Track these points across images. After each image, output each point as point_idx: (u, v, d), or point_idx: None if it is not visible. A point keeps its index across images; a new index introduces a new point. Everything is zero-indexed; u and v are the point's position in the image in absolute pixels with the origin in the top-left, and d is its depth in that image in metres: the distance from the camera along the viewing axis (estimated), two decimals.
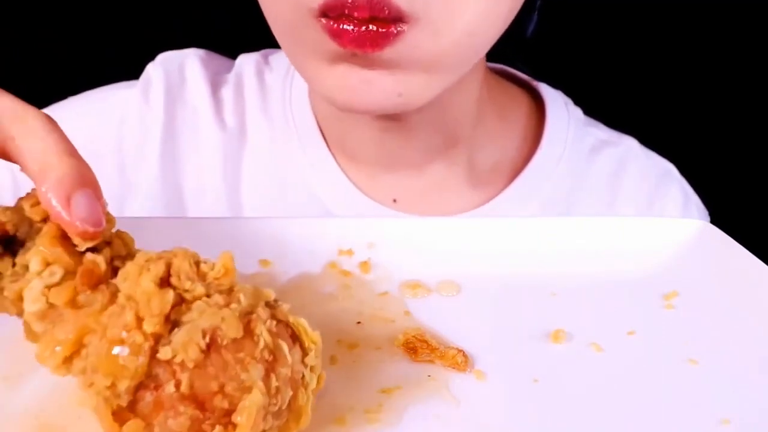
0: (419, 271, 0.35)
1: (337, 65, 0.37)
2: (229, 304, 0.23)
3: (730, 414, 0.26)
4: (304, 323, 0.25)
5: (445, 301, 0.33)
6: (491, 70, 0.54)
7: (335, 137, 0.50)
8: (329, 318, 0.31)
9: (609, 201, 0.53)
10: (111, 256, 0.25)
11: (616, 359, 0.30)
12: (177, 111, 0.51)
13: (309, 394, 0.24)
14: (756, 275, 0.33)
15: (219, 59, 0.55)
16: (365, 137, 0.49)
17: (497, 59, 0.56)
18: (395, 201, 0.50)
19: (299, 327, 0.25)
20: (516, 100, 0.55)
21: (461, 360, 0.29)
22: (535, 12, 0.51)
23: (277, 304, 0.25)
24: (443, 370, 0.29)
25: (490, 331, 0.31)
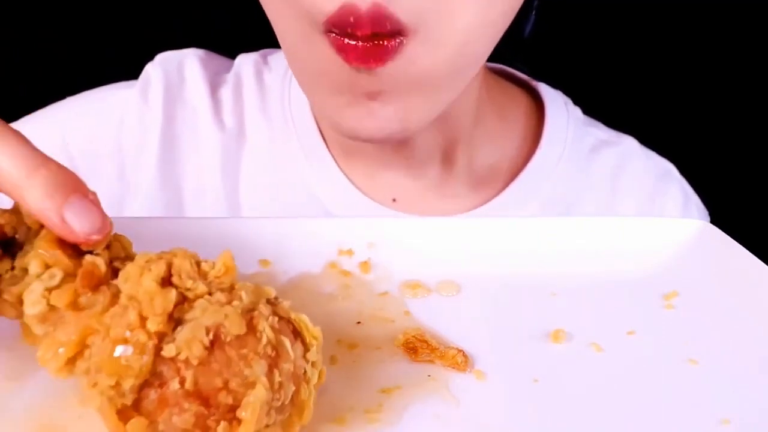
0: (419, 271, 0.35)
1: (341, 91, 0.38)
2: (231, 301, 0.23)
3: (730, 414, 0.26)
4: (305, 319, 0.25)
5: (445, 301, 0.33)
6: (490, 70, 0.54)
7: (334, 137, 0.50)
8: (329, 318, 0.31)
9: (609, 200, 0.53)
10: (110, 257, 0.25)
11: (616, 359, 0.30)
12: (176, 111, 0.51)
13: (311, 388, 0.24)
14: (756, 275, 0.33)
15: (218, 59, 0.55)
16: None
17: (496, 59, 0.56)
18: (395, 201, 0.50)
19: (300, 323, 0.25)
20: (515, 99, 0.55)
21: (461, 360, 0.29)
22: (533, 12, 0.51)
23: (278, 301, 0.25)
24: (443, 370, 0.28)
25: (490, 331, 0.31)
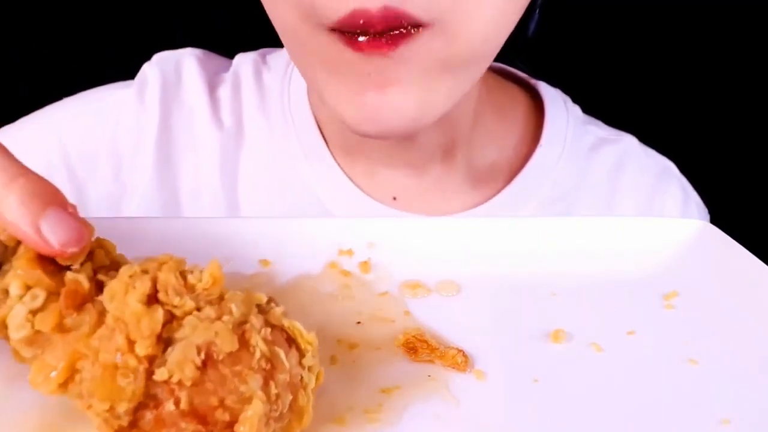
0: (419, 271, 0.34)
1: (351, 80, 0.36)
2: (221, 316, 0.23)
3: (730, 414, 0.26)
4: (298, 325, 0.24)
5: (445, 301, 0.33)
6: (489, 68, 0.54)
7: (334, 136, 0.50)
8: (329, 318, 0.31)
9: (608, 199, 0.53)
10: (93, 269, 0.24)
11: (616, 359, 0.30)
12: (173, 111, 0.50)
13: (309, 394, 0.24)
14: (756, 275, 0.33)
15: (216, 59, 0.55)
16: (365, 138, 0.48)
17: (496, 58, 0.56)
18: (395, 199, 0.50)
19: (294, 330, 0.24)
20: (515, 98, 0.55)
21: (461, 360, 0.29)
22: (536, 11, 0.51)
23: (270, 306, 0.25)
24: (443, 370, 0.28)
25: (490, 331, 0.31)
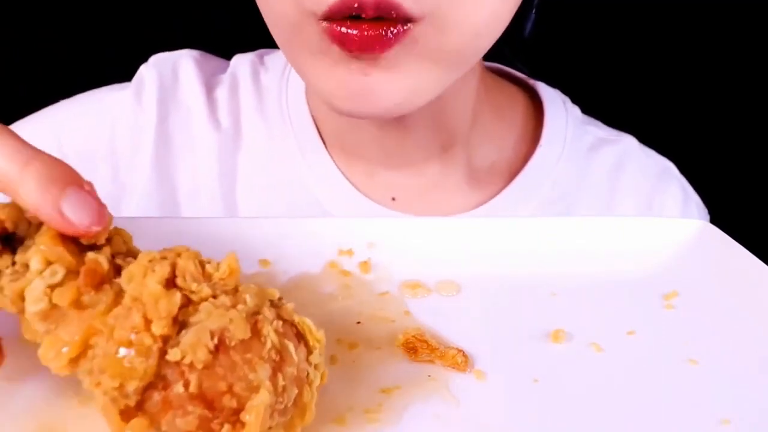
0: (419, 271, 0.35)
1: (336, 67, 0.37)
2: (236, 305, 0.23)
3: (730, 414, 0.26)
4: (308, 322, 0.25)
5: (445, 301, 0.33)
6: (488, 69, 0.54)
7: (333, 136, 0.50)
8: (329, 318, 0.31)
9: (608, 199, 0.53)
10: (111, 253, 0.25)
11: (616, 359, 0.30)
12: (170, 112, 0.50)
13: (313, 390, 0.24)
14: (756, 275, 0.33)
15: (214, 60, 0.55)
16: (363, 136, 0.48)
17: (494, 58, 0.56)
18: (394, 200, 0.50)
19: (304, 326, 0.25)
20: (513, 99, 0.55)
21: (461, 360, 0.29)
22: (533, 11, 0.51)
23: (281, 303, 0.25)
24: (443, 370, 0.28)
25: (490, 331, 0.31)
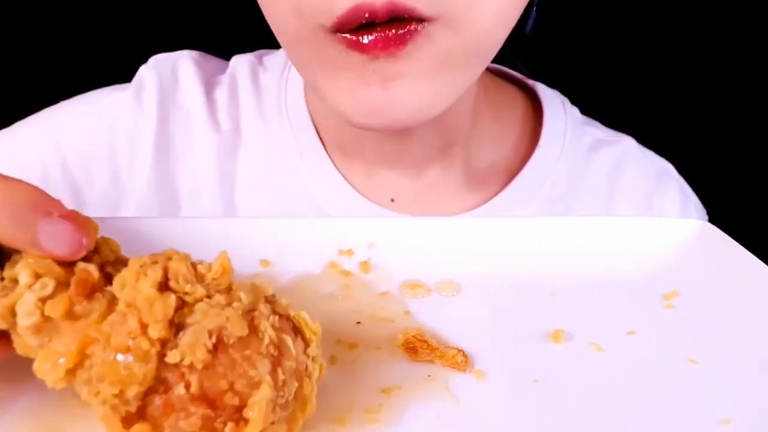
0: (419, 271, 0.35)
1: (353, 80, 0.36)
2: (231, 303, 0.23)
3: (730, 414, 0.26)
4: (304, 315, 0.25)
5: (445, 301, 0.33)
6: (487, 69, 0.54)
7: (332, 137, 0.50)
8: (329, 318, 0.31)
9: (607, 200, 0.53)
10: (101, 262, 0.24)
11: (616, 359, 0.30)
12: (170, 113, 0.50)
13: (313, 383, 0.25)
14: (756, 275, 0.33)
15: (213, 61, 0.55)
16: (362, 137, 0.48)
17: (494, 59, 0.56)
18: (393, 201, 0.50)
19: (300, 319, 0.25)
20: (512, 99, 0.55)
21: (461, 360, 0.29)
22: (533, 9, 0.51)
23: (275, 299, 0.25)
24: (443, 370, 0.28)
25: (490, 331, 0.31)
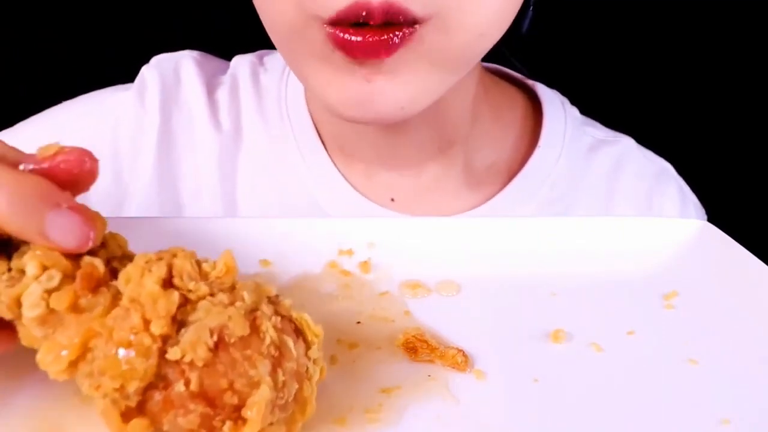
0: (419, 271, 0.35)
1: (339, 73, 0.37)
2: (234, 302, 0.23)
3: (730, 414, 0.26)
4: (306, 317, 0.25)
5: (445, 301, 0.33)
6: (486, 69, 0.54)
7: (332, 137, 0.50)
8: (329, 318, 0.31)
9: (606, 200, 0.53)
10: (107, 257, 0.25)
11: (616, 359, 0.30)
12: (172, 113, 0.51)
13: (313, 385, 0.25)
14: (756, 275, 0.33)
15: (214, 61, 0.55)
16: (362, 137, 0.48)
17: (493, 59, 0.56)
18: (393, 201, 0.50)
19: (302, 321, 0.25)
20: (512, 99, 0.55)
21: (461, 360, 0.29)
22: (530, 8, 0.51)
23: (279, 299, 0.25)
24: (443, 370, 0.28)
25: (490, 331, 0.31)
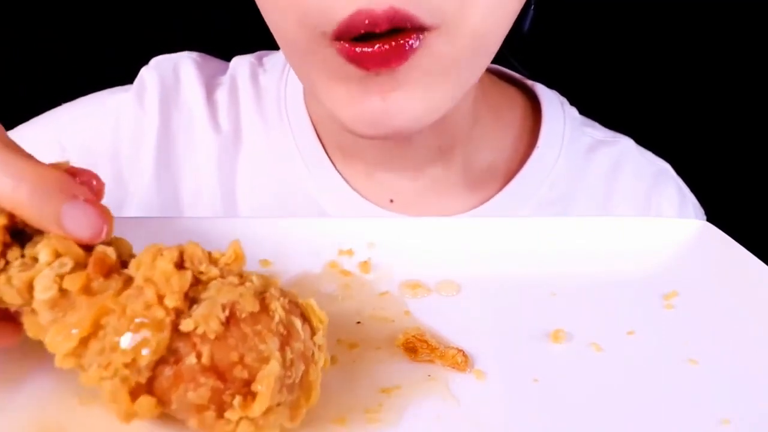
0: (419, 271, 0.35)
1: (356, 91, 0.37)
2: (244, 283, 0.24)
3: (730, 414, 0.26)
4: (312, 303, 0.26)
5: (445, 301, 0.33)
6: (486, 70, 0.54)
7: (331, 137, 0.50)
8: (329, 318, 0.31)
9: (605, 200, 0.53)
10: (117, 253, 0.25)
11: (616, 359, 0.30)
12: (172, 114, 0.51)
13: (318, 371, 0.25)
14: (756, 275, 0.33)
15: (213, 62, 0.55)
16: (361, 139, 0.48)
17: (493, 60, 0.56)
18: (392, 202, 0.50)
19: (308, 307, 0.25)
20: (511, 100, 0.55)
21: (461, 360, 0.29)
22: (531, 7, 0.51)
23: (285, 291, 0.26)
24: (443, 370, 0.28)
25: (490, 331, 0.31)
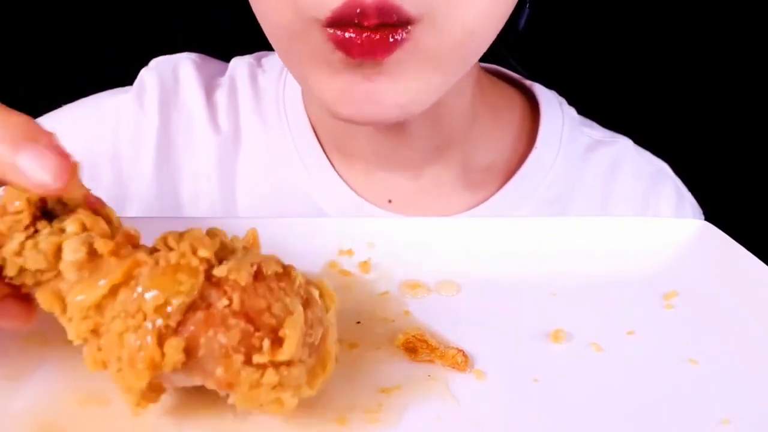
0: (419, 271, 0.35)
1: (339, 74, 0.37)
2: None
3: (730, 414, 0.26)
4: (325, 282, 0.26)
5: (445, 301, 0.33)
6: (484, 70, 0.54)
7: (329, 138, 0.50)
8: None
9: (603, 200, 0.53)
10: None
11: (616, 359, 0.30)
12: (172, 115, 0.51)
13: (334, 342, 0.25)
14: (756, 275, 0.33)
15: (212, 63, 0.55)
16: (360, 138, 0.49)
17: (491, 59, 0.56)
18: (390, 202, 0.50)
19: (321, 285, 0.26)
20: (510, 100, 0.55)
21: (461, 360, 0.29)
22: (527, 6, 0.51)
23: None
24: (443, 370, 0.29)
25: (490, 331, 0.31)
